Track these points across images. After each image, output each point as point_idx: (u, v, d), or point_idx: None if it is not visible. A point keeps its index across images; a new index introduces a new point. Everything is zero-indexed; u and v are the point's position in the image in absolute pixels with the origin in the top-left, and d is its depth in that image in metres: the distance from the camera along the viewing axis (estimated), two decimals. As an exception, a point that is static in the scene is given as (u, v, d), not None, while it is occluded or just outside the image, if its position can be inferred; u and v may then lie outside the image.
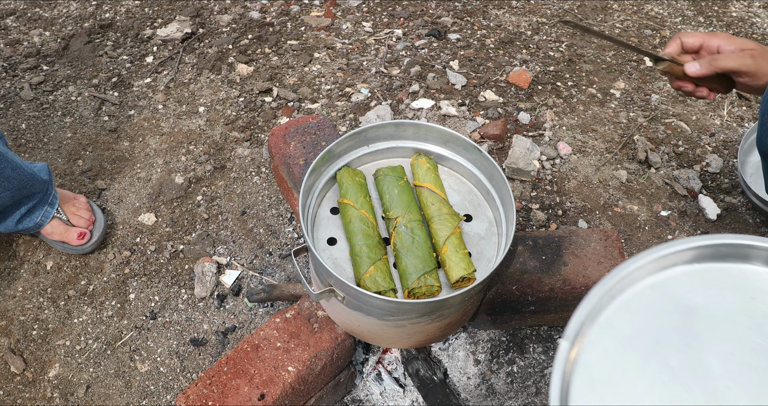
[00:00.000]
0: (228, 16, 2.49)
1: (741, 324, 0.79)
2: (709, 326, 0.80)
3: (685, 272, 0.86)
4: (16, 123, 2.05)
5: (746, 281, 0.84)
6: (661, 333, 0.80)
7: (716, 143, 1.92)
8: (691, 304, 0.82)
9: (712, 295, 0.82)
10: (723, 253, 0.85)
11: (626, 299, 0.83)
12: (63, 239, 1.65)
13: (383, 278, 1.10)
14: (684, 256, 0.86)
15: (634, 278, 0.85)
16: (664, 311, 0.82)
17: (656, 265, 0.86)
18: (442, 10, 2.50)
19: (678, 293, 0.83)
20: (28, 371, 1.50)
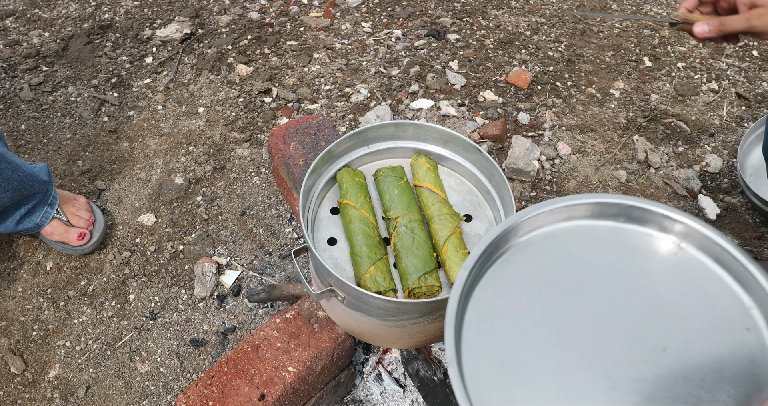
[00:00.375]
0: (227, 16, 2.49)
1: (620, 274, 0.89)
2: (593, 275, 0.89)
3: (574, 227, 0.95)
4: (15, 124, 2.05)
5: (628, 238, 0.93)
6: (551, 277, 0.89)
7: (716, 143, 1.92)
8: (578, 255, 0.91)
9: (598, 248, 0.92)
10: (609, 212, 0.94)
11: (521, 245, 0.92)
12: (63, 239, 1.65)
13: (383, 278, 1.10)
14: (576, 211, 0.94)
15: (529, 225, 0.93)
16: (553, 259, 0.91)
17: (550, 216, 0.94)
18: (441, 11, 2.51)
19: (568, 244, 0.92)
20: (28, 372, 1.49)
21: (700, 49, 2.30)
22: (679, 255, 0.91)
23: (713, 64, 2.22)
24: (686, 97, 2.08)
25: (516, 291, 0.87)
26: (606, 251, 0.92)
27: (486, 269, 0.88)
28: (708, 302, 0.86)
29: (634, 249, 0.92)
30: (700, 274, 0.89)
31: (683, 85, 2.10)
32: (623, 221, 0.95)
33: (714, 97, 2.08)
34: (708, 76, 2.16)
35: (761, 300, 0.84)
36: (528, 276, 0.89)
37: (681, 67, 2.20)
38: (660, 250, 0.92)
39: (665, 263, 0.90)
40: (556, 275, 0.89)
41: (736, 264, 0.87)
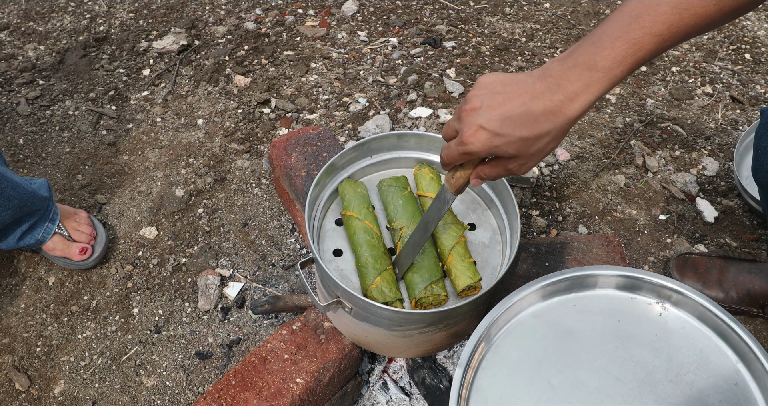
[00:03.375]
0: (223, 27, 2.49)
1: (610, 344, 0.92)
2: (584, 347, 0.92)
3: (561, 301, 0.99)
4: (13, 138, 2.05)
5: (612, 305, 0.97)
6: (544, 356, 0.92)
7: (712, 146, 1.94)
8: (568, 328, 0.95)
9: (585, 319, 0.95)
10: (591, 282, 0.98)
11: (512, 327, 0.97)
12: (65, 254, 1.65)
13: (389, 289, 1.11)
14: (559, 286, 0.98)
15: (518, 307, 0.98)
16: (545, 336, 0.94)
17: (537, 295, 0.98)
18: (437, 18, 2.52)
19: (557, 320, 0.96)
20: (33, 388, 1.49)
21: (693, 52, 2.32)
22: (664, 316, 0.95)
23: (707, 67, 2.24)
24: (681, 101, 2.10)
25: (513, 376, 0.90)
26: (594, 321, 0.95)
27: (482, 358, 0.93)
28: (695, 361, 0.89)
29: (621, 315, 0.95)
30: (686, 333, 0.93)
31: (678, 90, 2.12)
32: (607, 288, 0.98)
33: (709, 101, 2.10)
34: (702, 80, 2.19)
35: (745, 355, 0.89)
36: (522, 358, 0.92)
37: (675, 72, 2.23)
38: (645, 314, 0.95)
39: (651, 326, 0.93)
40: (548, 353, 0.92)
41: (718, 321, 0.91)
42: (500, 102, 0.80)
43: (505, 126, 0.79)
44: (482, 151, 0.82)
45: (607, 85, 0.77)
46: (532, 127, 0.78)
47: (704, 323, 0.93)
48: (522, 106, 0.78)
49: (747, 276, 1.52)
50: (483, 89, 0.83)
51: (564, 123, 0.79)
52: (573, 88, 0.77)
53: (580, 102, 0.77)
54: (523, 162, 0.84)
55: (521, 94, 0.79)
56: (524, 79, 0.81)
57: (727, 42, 2.37)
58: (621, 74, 0.76)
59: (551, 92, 0.78)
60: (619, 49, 0.74)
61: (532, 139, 0.79)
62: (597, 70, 0.76)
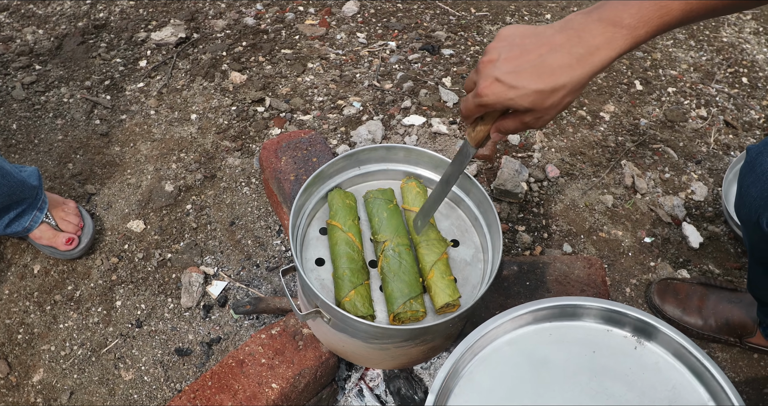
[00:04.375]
0: (223, 21, 2.49)
1: (583, 375, 0.92)
2: (557, 378, 0.92)
3: (537, 330, 0.99)
4: (7, 123, 2.04)
5: (588, 336, 0.97)
6: (516, 384, 0.92)
7: (702, 171, 1.96)
8: (542, 358, 0.95)
9: (560, 350, 0.95)
10: (569, 312, 0.98)
11: (487, 354, 0.96)
12: (51, 243, 1.65)
13: (362, 304, 1.12)
14: (536, 315, 0.98)
15: (493, 335, 0.97)
16: (519, 364, 0.94)
17: (513, 323, 0.98)
18: (437, 24, 2.52)
19: (532, 348, 0.96)
20: (12, 375, 1.50)
21: (691, 73, 2.33)
22: (639, 350, 0.95)
23: (703, 89, 2.25)
24: (675, 123, 2.11)
25: (485, 404, 0.90)
26: (568, 352, 0.95)
27: (455, 385, 0.92)
28: (668, 397, 0.89)
29: (596, 347, 0.95)
30: (660, 369, 0.94)
31: (673, 111, 2.13)
32: (584, 318, 0.99)
33: (702, 124, 2.11)
34: (697, 102, 2.19)
35: (717, 394, 0.90)
36: (495, 387, 0.92)
37: (671, 92, 2.23)
38: (620, 347, 0.96)
39: (626, 359, 0.94)
40: (521, 382, 0.92)
41: (692, 359, 0.93)
42: (517, 54, 0.79)
43: (520, 78, 0.79)
44: (497, 103, 0.82)
45: (630, 44, 0.77)
46: (547, 79, 0.78)
47: (678, 360, 0.94)
48: (539, 59, 0.78)
49: (727, 305, 1.53)
50: (502, 41, 0.82)
51: (581, 77, 0.78)
52: (595, 42, 0.76)
53: (600, 56, 0.77)
54: (539, 115, 0.83)
55: (539, 46, 0.79)
56: (544, 31, 0.80)
57: (725, 64, 2.38)
58: (645, 35, 0.76)
59: (571, 45, 0.77)
60: (648, 9, 0.74)
61: (548, 92, 0.79)
62: (622, 26, 0.75)
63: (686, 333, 1.56)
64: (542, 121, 0.85)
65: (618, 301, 1.62)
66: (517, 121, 0.86)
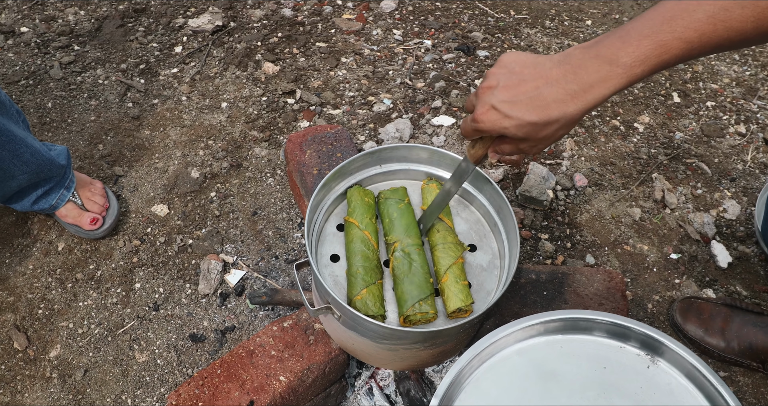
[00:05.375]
0: (260, 11, 2.50)
1: (592, 391, 0.89)
2: (565, 391, 0.90)
3: (548, 341, 0.97)
4: (42, 101, 2.08)
5: (600, 351, 0.94)
6: (523, 395, 0.90)
7: (736, 189, 1.90)
8: (551, 370, 0.92)
9: (571, 363, 0.93)
10: (582, 325, 0.96)
11: (495, 362, 0.94)
12: (76, 222, 1.68)
13: (374, 303, 1.11)
14: (548, 326, 0.96)
15: (503, 343, 0.95)
16: (527, 375, 0.92)
17: (524, 333, 0.96)
18: (474, 25, 2.49)
19: (542, 360, 0.94)
20: (30, 349, 1.53)
21: (733, 87, 2.26)
22: (651, 370, 0.93)
23: (744, 105, 2.18)
24: (711, 138, 2.05)
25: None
26: (579, 366, 0.93)
27: (460, 392, 0.91)
28: None
29: (607, 363, 0.93)
30: (671, 389, 0.91)
31: (710, 126, 2.07)
32: (597, 333, 0.96)
33: (740, 141, 2.05)
34: (737, 118, 2.13)
35: None
36: (501, 396, 0.90)
37: (710, 106, 2.17)
38: (632, 365, 0.93)
39: (637, 377, 0.92)
40: (528, 393, 0.90)
41: (705, 382, 0.89)
42: (515, 84, 0.80)
43: (515, 109, 0.80)
44: (492, 130, 0.84)
45: (625, 82, 0.76)
46: (541, 113, 0.79)
47: (692, 382, 0.91)
48: (535, 91, 0.79)
49: (752, 329, 1.48)
50: (502, 67, 0.83)
51: (574, 113, 0.78)
52: (589, 80, 0.76)
53: (593, 94, 0.77)
54: (533, 144, 0.84)
55: (536, 78, 0.79)
56: (544, 62, 0.80)
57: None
58: (641, 73, 0.75)
59: (566, 80, 0.77)
60: (645, 48, 0.73)
61: (541, 125, 0.80)
62: (618, 65, 0.75)
63: (707, 355, 1.52)
64: (537, 149, 0.86)
65: (639, 316, 1.59)
66: (513, 146, 0.88)
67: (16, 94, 2.09)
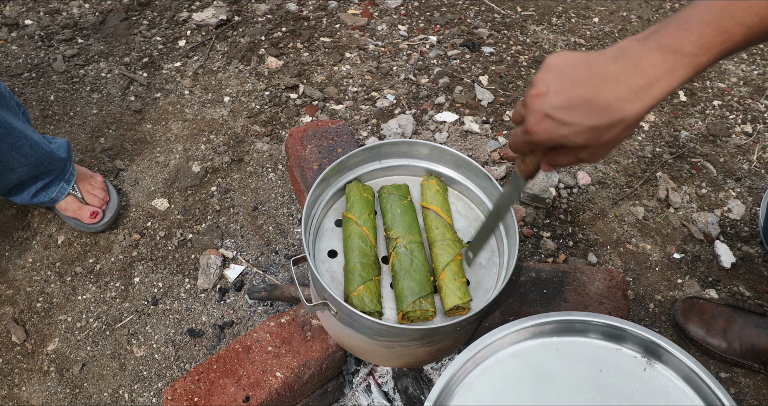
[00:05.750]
0: (265, 5, 2.49)
1: (588, 394, 0.88)
2: (560, 394, 0.89)
3: (544, 343, 0.95)
4: (45, 93, 2.08)
5: (596, 354, 0.93)
6: (517, 398, 0.89)
7: (741, 189, 1.87)
8: (547, 373, 0.91)
9: (567, 365, 0.92)
10: (578, 327, 0.95)
11: (489, 365, 0.93)
12: (76, 215, 1.67)
13: (371, 299, 1.10)
14: (544, 328, 0.95)
15: (498, 346, 0.94)
16: (522, 378, 0.91)
17: (519, 335, 0.95)
18: (480, 21, 2.47)
19: (537, 362, 0.93)
20: (28, 343, 1.53)
21: (740, 87, 2.24)
22: (648, 372, 0.91)
23: (751, 104, 2.16)
24: (717, 138, 2.03)
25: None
26: (575, 368, 0.92)
27: (454, 395, 0.90)
28: None
29: (603, 366, 0.92)
30: (668, 392, 0.90)
31: (716, 125, 2.04)
32: (593, 335, 0.95)
33: (746, 141, 2.02)
34: (744, 118, 2.10)
35: None
36: (495, 399, 0.89)
37: (716, 106, 2.15)
38: (629, 367, 0.92)
39: (633, 380, 0.90)
40: (523, 396, 0.89)
41: (703, 385, 0.88)
42: (568, 87, 0.73)
43: (572, 114, 0.73)
44: (548, 141, 0.76)
45: (691, 72, 0.71)
46: (603, 115, 0.72)
47: (689, 385, 0.90)
48: (592, 92, 0.72)
49: (754, 330, 1.47)
50: (551, 71, 0.75)
51: (640, 110, 0.72)
52: (654, 72, 0.70)
53: (660, 88, 0.71)
54: (594, 151, 0.77)
55: (592, 78, 0.72)
56: (596, 59, 0.74)
57: (777, 79, 2.28)
58: (707, 62, 0.71)
59: (628, 76, 0.71)
60: (708, 35, 0.69)
61: (603, 128, 0.73)
62: (683, 54, 0.70)
63: (709, 355, 1.51)
64: (598, 156, 0.79)
65: (640, 316, 1.57)
66: (571, 156, 0.80)
67: (19, 87, 2.09)
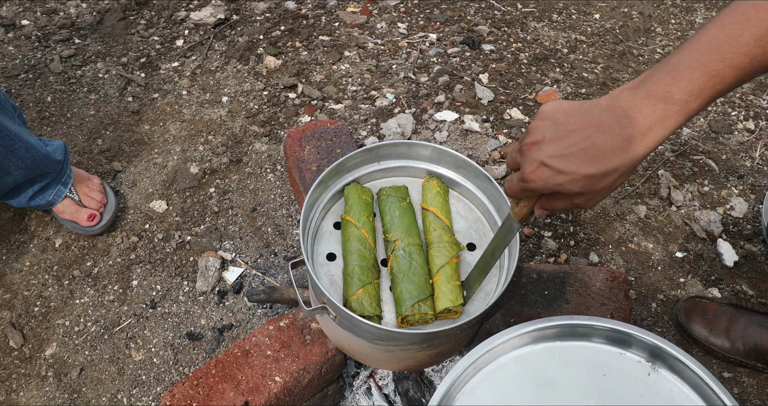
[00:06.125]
0: (264, 3, 2.47)
1: (591, 399, 0.87)
2: (563, 400, 0.87)
3: (546, 348, 0.94)
4: (42, 95, 2.07)
5: (600, 358, 0.92)
6: (520, 404, 0.88)
7: (744, 186, 1.86)
8: (549, 378, 0.90)
9: (569, 370, 0.90)
10: (581, 332, 0.93)
11: (491, 370, 0.92)
12: (73, 218, 1.66)
13: (370, 303, 1.09)
14: (546, 333, 0.93)
15: (499, 351, 0.93)
16: (524, 383, 0.89)
17: (521, 340, 0.94)
18: (480, 18, 2.46)
19: (539, 367, 0.91)
20: (26, 347, 1.52)
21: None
22: (653, 377, 0.90)
23: (754, 100, 2.14)
24: (719, 135, 2.01)
25: None
26: (578, 373, 0.90)
27: (455, 401, 0.88)
28: None
29: (607, 370, 0.90)
30: (672, 398, 0.89)
31: (718, 122, 2.03)
32: (596, 339, 0.94)
33: (749, 138, 2.00)
34: (746, 114, 2.09)
35: None
36: (497, 405, 0.87)
37: (719, 102, 2.13)
38: (633, 372, 0.91)
39: (638, 385, 0.89)
40: (526, 402, 0.88)
41: (708, 390, 0.87)
42: (563, 135, 0.74)
43: (568, 163, 0.73)
44: (545, 189, 0.77)
45: (683, 119, 0.71)
46: (598, 163, 0.72)
47: (694, 390, 0.88)
48: (587, 141, 0.72)
49: (757, 329, 1.45)
50: (546, 120, 0.77)
51: (634, 159, 0.72)
52: (646, 122, 0.71)
53: (652, 137, 0.71)
54: (590, 197, 0.78)
55: (586, 127, 0.73)
56: (590, 109, 0.75)
57: (780, 75, 2.26)
58: (698, 107, 0.71)
59: (620, 126, 0.72)
60: (698, 81, 0.69)
61: (599, 177, 0.73)
62: (673, 102, 0.70)
63: (712, 355, 1.49)
64: (593, 202, 0.79)
65: (642, 316, 1.56)
66: (566, 201, 0.81)
67: (16, 88, 2.08)
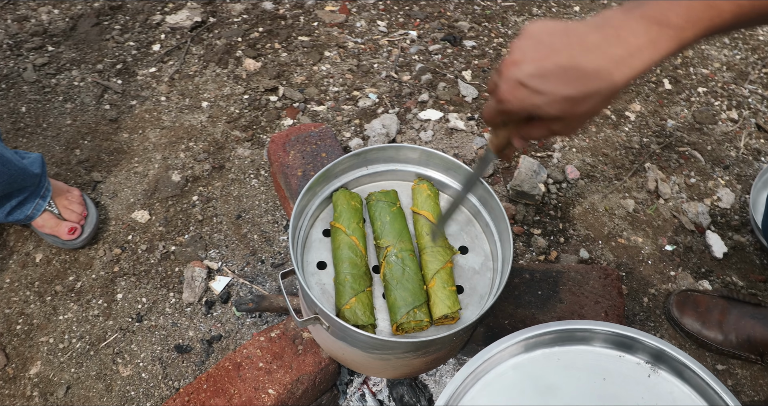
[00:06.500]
0: (240, 5, 2.43)
1: (592, 403, 0.86)
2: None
3: (545, 354, 0.92)
4: (16, 105, 2.01)
5: (599, 362, 0.91)
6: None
7: (730, 177, 1.86)
8: (549, 384, 0.89)
9: (569, 375, 0.89)
10: (579, 336, 0.92)
11: (490, 379, 0.90)
12: (53, 232, 1.62)
13: (363, 312, 1.06)
14: (544, 338, 0.92)
15: (498, 359, 0.92)
16: (524, 391, 0.88)
17: (519, 347, 0.92)
18: (460, 13, 2.43)
19: (538, 374, 0.90)
20: (9, 367, 1.47)
21: (723, 72, 2.22)
22: (652, 379, 0.89)
23: (735, 90, 2.15)
24: (704, 125, 2.01)
25: None
26: (577, 378, 0.89)
27: None
28: None
29: (606, 374, 0.90)
30: (674, 399, 0.88)
31: (702, 112, 2.03)
32: (595, 343, 0.93)
33: (732, 127, 2.01)
34: (729, 104, 2.09)
35: None
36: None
37: (701, 92, 2.13)
38: (633, 374, 0.90)
39: (638, 388, 0.88)
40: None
41: (709, 390, 0.86)
42: (545, 54, 0.70)
43: (547, 83, 0.69)
44: (521, 110, 0.73)
45: (675, 46, 0.68)
46: (579, 84, 0.69)
47: (695, 390, 0.87)
48: (570, 60, 0.69)
49: (749, 321, 1.45)
50: (529, 39, 0.72)
51: (619, 82, 0.68)
52: (637, 42, 0.67)
53: (641, 59, 0.68)
54: (568, 123, 0.74)
55: (571, 46, 0.69)
56: (577, 27, 0.70)
57: (760, 64, 2.27)
58: (692, 37, 0.68)
59: (608, 45, 0.68)
60: (697, 9, 0.66)
61: (579, 99, 0.70)
62: (668, 26, 0.66)
63: (705, 348, 1.49)
64: (571, 129, 0.76)
65: (635, 311, 1.56)
66: (543, 128, 0.78)
67: (-12, 99, 2.02)
